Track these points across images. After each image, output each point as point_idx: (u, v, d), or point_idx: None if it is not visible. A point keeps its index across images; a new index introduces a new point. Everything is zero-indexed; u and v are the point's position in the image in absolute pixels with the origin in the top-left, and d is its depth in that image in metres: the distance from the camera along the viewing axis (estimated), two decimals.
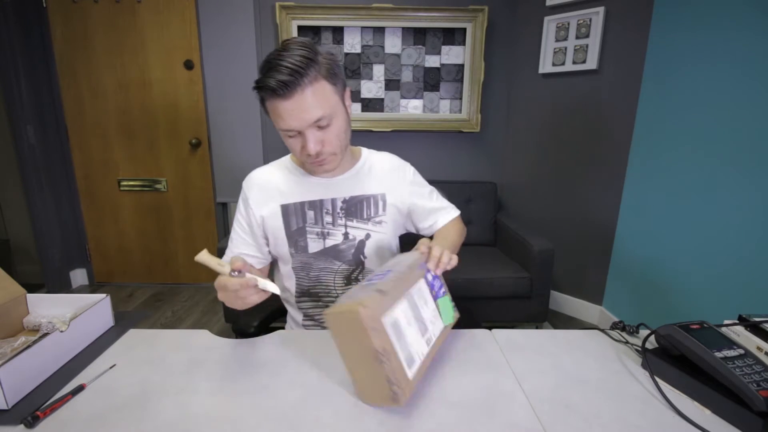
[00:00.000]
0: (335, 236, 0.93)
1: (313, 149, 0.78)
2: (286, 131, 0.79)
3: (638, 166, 1.92)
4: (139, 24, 2.31)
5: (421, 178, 1.04)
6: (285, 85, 0.72)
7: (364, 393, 0.60)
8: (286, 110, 0.75)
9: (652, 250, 1.83)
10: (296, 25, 2.28)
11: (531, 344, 0.77)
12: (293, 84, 0.72)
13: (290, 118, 0.75)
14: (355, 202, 0.94)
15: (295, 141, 0.80)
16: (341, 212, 0.93)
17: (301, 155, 0.82)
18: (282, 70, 0.72)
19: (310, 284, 0.96)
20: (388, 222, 0.97)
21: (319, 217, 0.92)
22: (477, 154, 2.53)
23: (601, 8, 1.93)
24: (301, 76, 0.72)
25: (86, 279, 2.69)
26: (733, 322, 0.75)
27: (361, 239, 0.95)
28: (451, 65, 2.39)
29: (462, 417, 0.58)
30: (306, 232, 0.92)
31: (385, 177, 0.97)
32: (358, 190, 0.94)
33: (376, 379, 0.56)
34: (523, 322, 2.01)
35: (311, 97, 0.74)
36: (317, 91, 0.75)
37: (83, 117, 2.43)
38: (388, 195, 0.96)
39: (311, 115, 0.75)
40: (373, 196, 0.95)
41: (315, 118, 0.76)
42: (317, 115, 0.76)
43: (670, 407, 0.60)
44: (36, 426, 0.55)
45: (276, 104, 0.75)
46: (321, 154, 0.81)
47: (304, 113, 0.75)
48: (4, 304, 0.75)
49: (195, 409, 0.58)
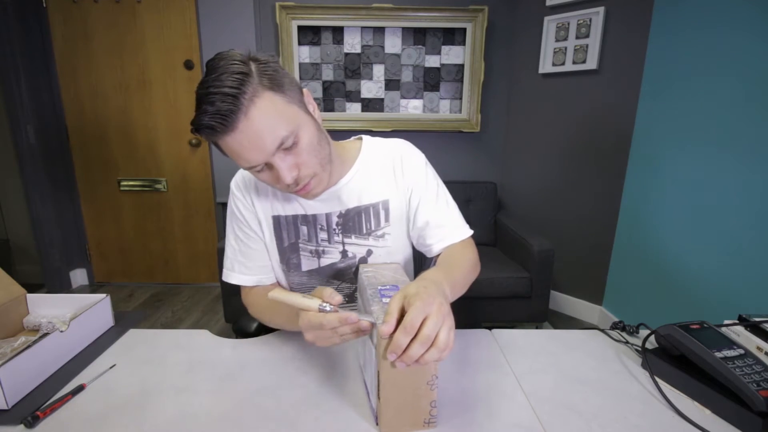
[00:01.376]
0: (332, 254, 0.83)
1: (288, 178, 0.64)
2: (251, 168, 0.65)
3: (638, 166, 1.92)
4: (139, 24, 2.31)
5: (433, 175, 0.85)
6: (221, 116, 0.58)
7: (393, 421, 0.55)
8: (237, 144, 0.60)
9: (652, 250, 1.83)
10: (296, 25, 2.28)
11: (531, 344, 0.77)
12: (230, 112, 0.58)
13: (247, 152, 0.61)
14: (353, 216, 0.81)
15: (266, 175, 0.67)
16: (337, 228, 0.82)
17: (282, 186, 0.68)
18: (211, 99, 0.58)
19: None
20: (393, 233, 0.83)
21: (313, 233, 0.82)
22: (477, 154, 2.53)
23: (601, 8, 1.93)
24: (236, 99, 0.58)
25: (86, 279, 2.69)
26: (733, 322, 0.75)
27: (362, 256, 0.83)
28: (451, 65, 2.39)
29: (462, 417, 0.58)
30: (299, 249, 0.83)
31: (386, 177, 0.82)
32: (354, 201, 0.81)
33: (419, 404, 0.54)
34: (523, 322, 2.01)
35: (260, 118, 0.60)
36: (264, 108, 0.60)
37: (83, 117, 2.43)
38: (391, 200, 0.82)
39: (269, 138, 0.61)
40: (372, 205, 0.81)
41: (275, 141, 0.61)
42: (277, 137, 0.61)
43: (670, 407, 0.59)
44: (36, 426, 0.55)
45: (225, 141, 0.61)
46: (300, 180, 0.67)
47: (259, 140, 0.60)
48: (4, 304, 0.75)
49: (195, 409, 0.58)
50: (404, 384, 0.53)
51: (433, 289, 0.53)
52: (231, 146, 0.61)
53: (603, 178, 2.10)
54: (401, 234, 0.85)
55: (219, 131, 0.59)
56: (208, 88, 0.58)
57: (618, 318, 2.06)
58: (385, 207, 0.82)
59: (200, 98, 0.59)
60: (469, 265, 0.76)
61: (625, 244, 2.03)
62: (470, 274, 0.76)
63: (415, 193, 0.82)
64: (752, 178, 1.38)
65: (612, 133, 2.03)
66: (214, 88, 0.58)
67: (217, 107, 0.57)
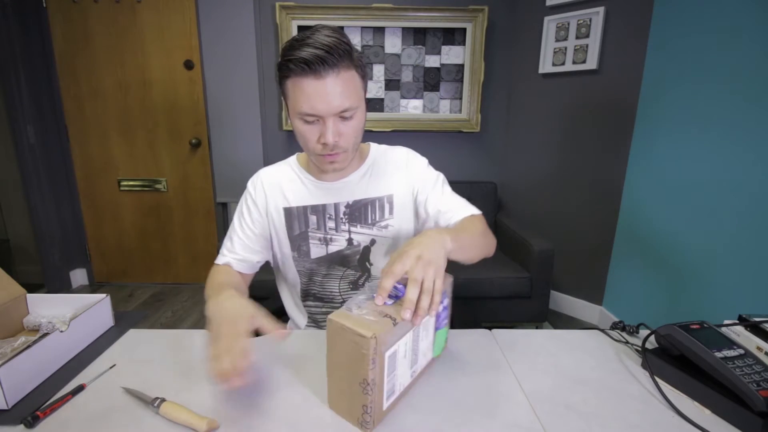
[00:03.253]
0: (338, 242, 0.90)
1: (331, 139, 0.73)
2: (307, 115, 0.72)
3: (638, 167, 1.92)
4: (139, 24, 2.31)
5: (434, 173, 0.93)
6: (321, 61, 0.67)
7: (334, 402, 0.58)
8: (314, 90, 0.69)
9: (652, 250, 1.83)
10: (296, 25, 2.28)
11: (531, 344, 0.77)
12: (329, 62, 0.67)
13: (317, 101, 0.69)
14: (359, 207, 0.89)
15: (311, 128, 0.74)
16: (344, 217, 0.89)
17: (314, 146, 0.76)
18: (318, 45, 0.67)
19: (315, 289, 0.94)
20: (396, 225, 0.91)
21: (322, 222, 0.89)
22: (477, 154, 2.53)
23: (601, 8, 1.93)
24: (337, 57, 0.68)
25: (86, 279, 2.69)
26: (733, 322, 0.75)
27: (365, 245, 0.91)
28: (451, 65, 2.39)
29: (462, 417, 0.58)
30: (308, 237, 0.90)
31: (393, 176, 0.91)
32: (361, 194, 0.89)
33: (353, 400, 0.54)
34: (523, 322, 2.01)
35: (342, 84, 0.70)
36: (349, 79, 0.71)
37: (83, 117, 2.43)
38: (396, 196, 0.90)
39: (339, 102, 0.70)
40: (378, 198, 0.90)
41: (342, 106, 0.71)
42: (345, 105, 0.71)
43: (670, 407, 0.59)
44: (36, 426, 0.55)
45: (304, 82, 0.69)
46: (335, 147, 0.75)
47: (333, 98, 0.70)
48: (4, 304, 0.75)
49: (195, 409, 0.58)
50: (342, 374, 0.55)
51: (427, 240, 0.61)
52: (307, 89, 0.69)
53: (603, 178, 2.10)
54: (403, 227, 0.92)
55: (310, 71, 0.68)
56: (316, 37, 0.68)
57: (618, 318, 2.06)
58: (390, 201, 0.90)
59: (303, 41, 0.68)
60: (477, 231, 0.79)
61: (625, 244, 2.03)
62: (480, 238, 0.79)
63: (422, 192, 0.90)
64: (753, 178, 1.38)
65: (612, 133, 2.03)
66: (322, 39, 0.68)
67: (320, 54, 0.67)
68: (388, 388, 0.56)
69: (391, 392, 0.57)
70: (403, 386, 0.60)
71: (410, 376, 0.62)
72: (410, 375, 0.62)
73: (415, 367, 0.63)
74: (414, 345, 0.60)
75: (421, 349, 0.63)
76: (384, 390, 0.55)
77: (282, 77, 0.73)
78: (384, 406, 0.56)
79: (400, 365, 0.58)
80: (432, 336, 0.66)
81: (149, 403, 0.58)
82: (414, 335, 0.59)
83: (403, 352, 0.57)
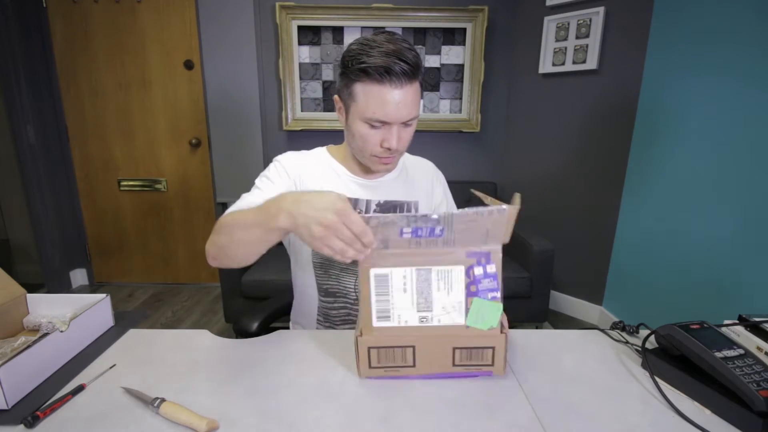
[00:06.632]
0: None
1: (394, 143, 0.78)
2: (376, 120, 0.76)
3: (638, 166, 1.92)
4: (139, 24, 2.31)
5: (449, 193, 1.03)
6: (407, 75, 0.72)
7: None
8: (392, 99, 0.73)
9: (652, 250, 1.83)
10: (296, 25, 2.28)
11: (531, 344, 0.77)
12: (412, 75, 0.73)
13: (392, 109, 0.74)
14: (389, 207, 0.92)
15: (375, 133, 0.79)
16: None
17: (374, 148, 0.80)
18: (407, 58, 0.72)
19: (329, 283, 0.93)
20: None
21: None
22: (477, 154, 2.53)
23: (601, 8, 1.93)
24: (418, 71, 0.74)
25: (86, 279, 2.69)
26: (733, 322, 0.75)
27: None
28: (451, 65, 2.39)
29: (462, 417, 0.58)
30: None
31: (420, 185, 0.97)
32: (393, 195, 0.93)
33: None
34: (523, 322, 2.01)
35: (413, 95, 0.75)
36: (417, 90, 0.77)
37: (83, 117, 2.43)
38: (420, 203, 0.95)
39: (410, 111, 0.76)
40: (407, 203, 0.93)
41: (411, 115, 0.77)
42: (413, 114, 0.77)
43: (670, 407, 0.59)
44: (36, 426, 0.55)
45: (381, 90, 0.73)
46: (394, 151, 0.81)
47: (405, 108, 0.75)
48: (4, 304, 0.75)
49: (195, 409, 0.58)
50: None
51: None
52: (383, 96, 0.73)
53: (603, 179, 2.09)
54: None
55: (388, 80, 0.72)
56: (403, 48, 0.72)
57: (618, 318, 2.06)
58: (416, 207, 0.95)
59: (389, 50, 0.71)
60: None
61: (625, 244, 2.03)
62: None
63: (443, 205, 1.01)
64: (753, 179, 1.38)
65: (612, 133, 2.03)
66: (409, 52, 0.72)
67: (404, 66, 0.71)
68: (378, 308, 0.63)
69: (384, 314, 0.64)
70: (406, 322, 0.64)
71: (418, 319, 0.64)
72: (418, 318, 0.64)
73: (428, 314, 0.64)
74: (422, 288, 0.63)
75: (438, 300, 0.64)
76: (372, 306, 0.63)
77: (351, 80, 0.75)
78: (374, 323, 0.64)
79: (397, 295, 0.63)
80: (461, 296, 0.64)
81: (149, 403, 0.58)
82: (420, 277, 0.63)
83: (401, 284, 0.63)
